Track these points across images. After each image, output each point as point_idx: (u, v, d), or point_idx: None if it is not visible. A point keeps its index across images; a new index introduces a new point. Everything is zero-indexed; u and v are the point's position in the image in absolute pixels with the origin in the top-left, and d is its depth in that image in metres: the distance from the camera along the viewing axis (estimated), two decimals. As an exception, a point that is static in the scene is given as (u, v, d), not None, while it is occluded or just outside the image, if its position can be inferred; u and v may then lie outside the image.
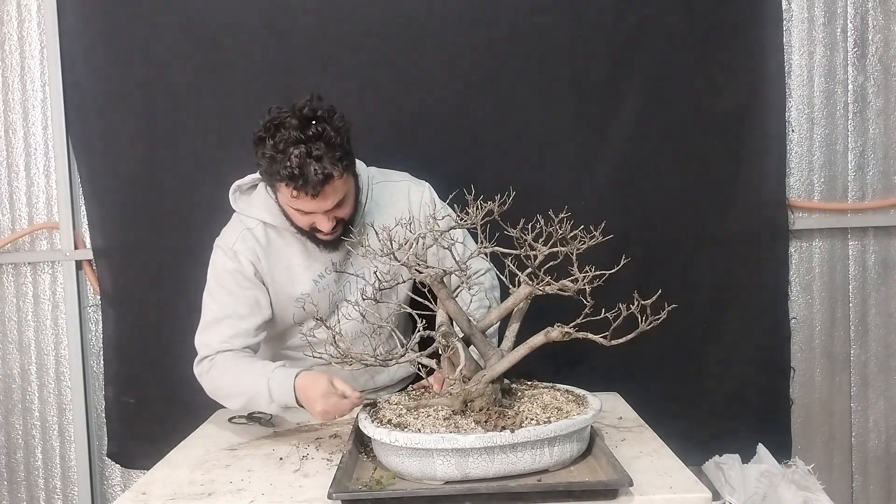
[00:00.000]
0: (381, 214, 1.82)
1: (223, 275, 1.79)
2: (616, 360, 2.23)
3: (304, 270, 1.82)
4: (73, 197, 2.51)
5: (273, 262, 1.81)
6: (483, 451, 1.30)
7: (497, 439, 1.29)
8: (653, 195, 2.40)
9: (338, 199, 1.67)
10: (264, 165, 1.63)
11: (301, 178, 1.57)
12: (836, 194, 2.51)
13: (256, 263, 1.80)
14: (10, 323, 2.58)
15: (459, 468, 1.31)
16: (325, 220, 1.69)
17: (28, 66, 2.51)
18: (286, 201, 1.69)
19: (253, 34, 2.36)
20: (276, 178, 1.61)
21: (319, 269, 1.84)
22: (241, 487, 1.42)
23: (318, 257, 1.83)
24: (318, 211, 1.67)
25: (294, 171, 1.56)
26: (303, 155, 1.56)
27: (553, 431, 1.32)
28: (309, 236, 1.79)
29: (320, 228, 1.71)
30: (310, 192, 1.59)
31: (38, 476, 2.60)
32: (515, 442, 1.30)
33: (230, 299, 1.78)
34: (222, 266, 1.80)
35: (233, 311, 1.77)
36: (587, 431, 1.44)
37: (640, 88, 2.38)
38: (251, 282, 1.79)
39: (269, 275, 1.81)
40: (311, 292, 1.82)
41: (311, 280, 1.83)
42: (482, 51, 2.37)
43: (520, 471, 1.33)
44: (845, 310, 2.54)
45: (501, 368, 1.45)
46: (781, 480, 2.15)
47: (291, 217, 1.74)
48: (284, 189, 1.63)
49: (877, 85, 2.48)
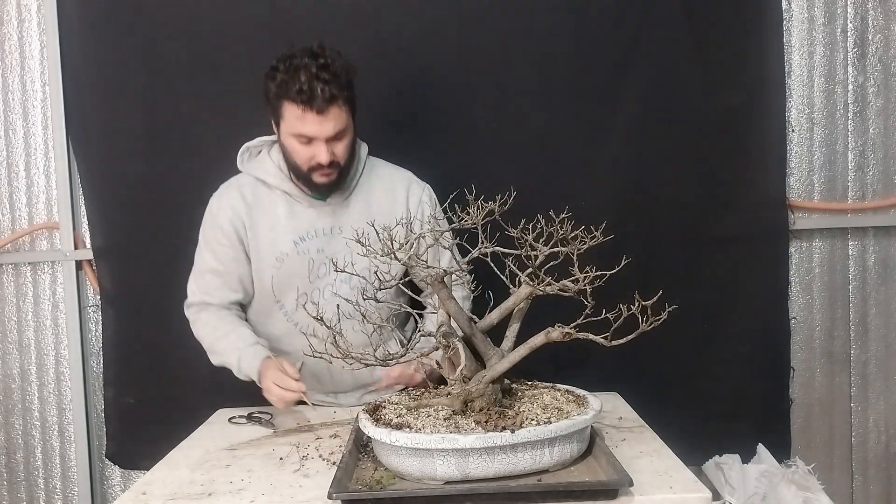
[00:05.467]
0: (379, 193, 1.92)
1: (206, 230, 1.94)
2: (616, 360, 2.22)
3: (286, 231, 1.88)
4: (73, 197, 2.51)
5: (257, 220, 1.89)
6: (483, 452, 1.30)
7: (497, 440, 1.29)
8: (653, 195, 2.40)
9: (339, 128, 1.76)
10: (275, 91, 1.75)
11: (309, 93, 1.69)
12: (836, 194, 2.51)
13: (237, 221, 1.89)
14: (10, 323, 2.58)
15: (460, 468, 1.31)
16: (325, 150, 1.76)
17: (28, 66, 2.51)
18: (291, 126, 1.76)
19: (253, 34, 2.36)
20: (287, 97, 1.72)
21: (302, 231, 1.88)
22: (241, 487, 1.42)
23: (303, 219, 1.89)
24: (321, 136, 1.75)
25: (303, 87, 1.69)
26: (312, 76, 1.70)
27: (553, 432, 1.32)
28: (306, 180, 1.83)
29: (320, 161, 1.77)
30: (316, 107, 1.70)
31: (38, 476, 2.60)
32: (516, 442, 1.30)
33: (210, 255, 1.93)
34: (207, 224, 1.94)
35: (213, 267, 1.92)
36: (587, 432, 1.44)
37: (640, 88, 2.38)
38: (229, 240, 1.90)
39: (251, 231, 1.89)
40: (290, 253, 1.87)
41: (291, 241, 1.88)
42: (482, 51, 2.37)
43: (520, 471, 1.33)
44: (845, 310, 2.54)
45: (502, 368, 1.45)
46: (781, 480, 2.15)
47: (293, 153, 1.80)
48: (292, 108, 1.73)
49: (877, 85, 2.48)
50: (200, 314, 1.94)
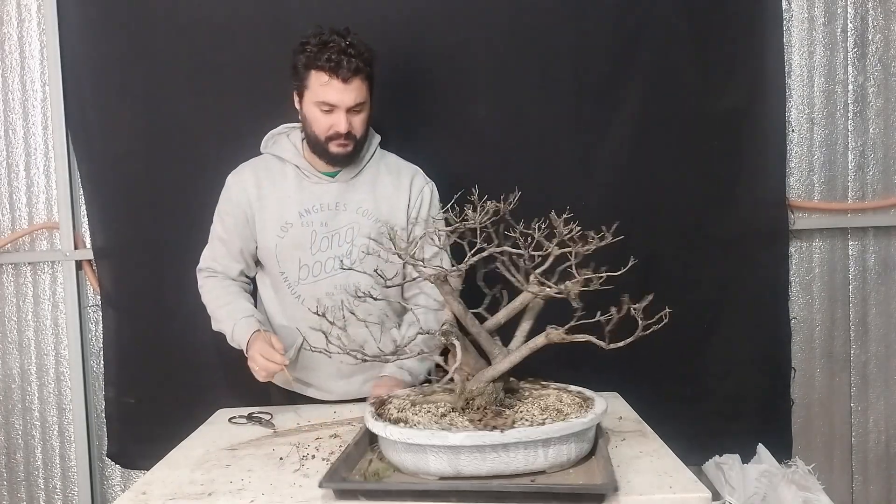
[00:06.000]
0: (385, 178, 2.01)
1: (220, 205, 2.04)
2: (616, 360, 2.21)
3: (293, 202, 1.97)
4: (73, 197, 2.51)
5: (266, 192, 1.98)
6: (474, 450, 1.30)
7: (486, 439, 1.29)
8: (653, 195, 2.40)
9: (359, 100, 1.88)
10: (303, 62, 1.88)
11: (336, 62, 1.83)
12: (836, 194, 2.51)
13: (245, 195, 1.99)
14: (10, 323, 2.58)
15: (451, 465, 1.31)
16: (344, 119, 1.87)
17: (28, 66, 2.52)
18: (315, 94, 1.87)
19: (253, 34, 2.36)
20: (314, 66, 1.85)
21: (308, 204, 1.96)
22: (241, 487, 1.42)
23: (310, 193, 1.97)
24: (342, 104, 1.86)
25: (332, 56, 1.83)
26: (340, 49, 1.84)
27: (545, 433, 1.32)
28: (322, 150, 1.92)
29: (338, 130, 1.87)
30: (341, 76, 1.83)
31: (38, 476, 2.60)
32: (506, 442, 1.30)
33: (220, 225, 2.03)
34: (222, 198, 2.04)
35: (220, 235, 2.03)
36: (589, 434, 1.43)
37: (640, 88, 2.38)
38: (236, 212, 1.99)
39: (259, 202, 1.98)
40: (295, 223, 1.95)
41: (297, 212, 1.96)
42: (482, 51, 2.37)
43: (513, 471, 1.33)
44: (845, 310, 2.54)
45: (502, 368, 1.45)
46: (781, 480, 2.15)
47: (313, 123, 1.90)
48: (318, 76, 1.85)
49: (877, 85, 2.48)
50: (207, 280, 2.05)
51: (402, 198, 2.00)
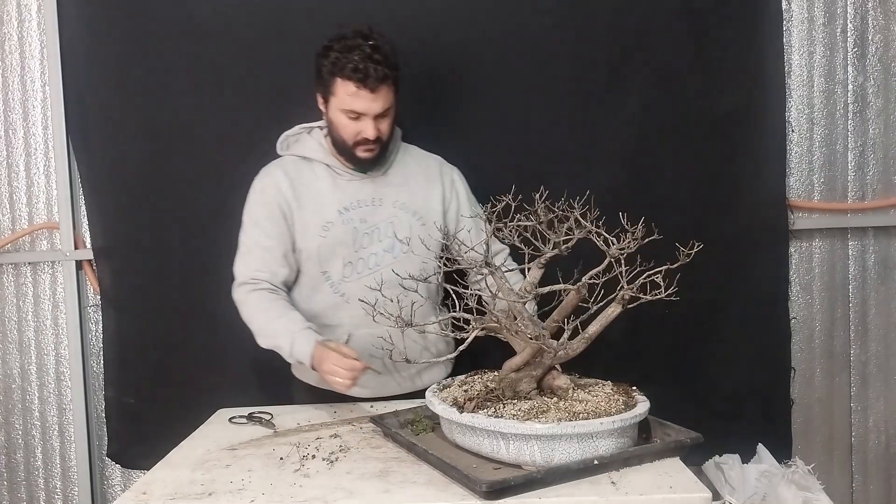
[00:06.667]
0: (414, 169, 2.03)
1: (252, 210, 1.98)
2: (616, 360, 2.23)
3: (331, 201, 1.95)
4: (73, 197, 2.51)
5: (301, 193, 1.95)
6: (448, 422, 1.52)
7: (452, 415, 1.47)
8: (653, 195, 2.39)
9: (386, 106, 1.87)
10: (328, 68, 1.85)
11: (363, 72, 1.81)
12: (836, 194, 2.51)
13: (281, 197, 1.95)
14: (10, 323, 2.58)
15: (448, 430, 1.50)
16: (372, 126, 1.86)
17: (28, 66, 2.51)
18: (342, 102, 1.86)
19: (253, 34, 2.36)
20: (340, 74, 1.83)
21: (346, 202, 1.95)
22: (242, 487, 1.42)
23: (346, 190, 1.96)
24: (370, 113, 1.85)
25: (358, 66, 1.81)
26: (365, 56, 1.81)
27: (493, 425, 1.39)
28: (350, 154, 1.92)
29: (367, 136, 1.87)
30: (369, 86, 1.81)
31: (38, 476, 2.60)
32: (472, 425, 1.42)
33: (258, 232, 1.95)
34: (252, 202, 1.98)
35: (261, 242, 1.95)
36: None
37: (640, 88, 2.38)
38: (275, 215, 1.94)
39: (296, 203, 1.95)
40: (336, 222, 1.93)
41: (336, 210, 1.94)
42: (481, 51, 2.37)
43: (483, 452, 1.44)
44: (845, 310, 2.54)
45: (519, 361, 1.52)
46: (781, 480, 2.15)
47: (340, 128, 1.89)
48: (345, 86, 1.83)
49: (877, 85, 2.48)
50: (251, 295, 1.93)
51: (435, 189, 2.02)
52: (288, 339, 1.84)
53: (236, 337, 2.44)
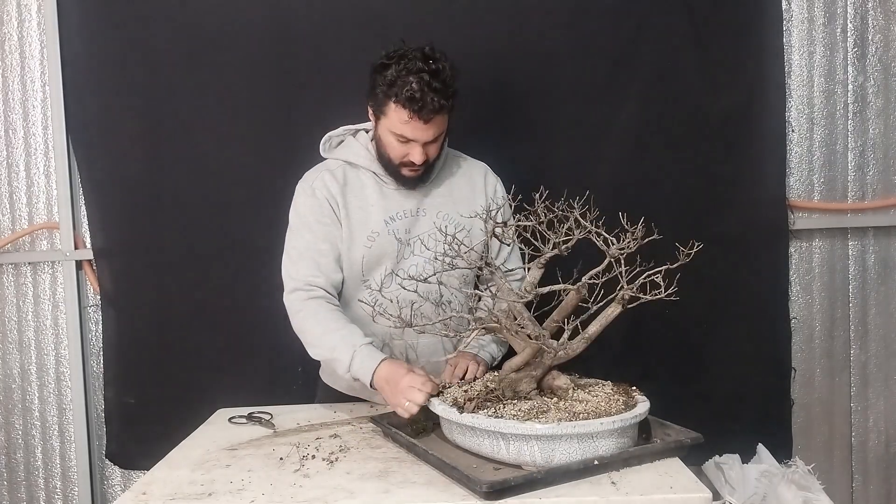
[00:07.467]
0: (459, 180, 1.97)
1: (304, 211, 1.89)
2: (616, 360, 2.23)
3: (378, 210, 1.89)
4: (73, 197, 2.51)
5: (349, 199, 1.89)
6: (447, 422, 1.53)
7: (451, 415, 1.47)
8: (653, 195, 2.39)
9: (438, 133, 1.79)
10: (384, 89, 1.75)
11: (419, 103, 1.71)
12: (836, 194, 2.51)
13: (332, 199, 1.87)
14: (10, 323, 2.58)
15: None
16: (420, 152, 1.79)
17: (28, 66, 2.52)
18: (393, 126, 1.77)
19: (253, 34, 2.36)
20: (395, 99, 1.73)
21: (392, 211, 1.89)
22: (241, 487, 1.42)
23: (392, 200, 1.90)
24: (420, 140, 1.77)
25: (415, 95, 1.70)
26: (424, 82, 1.70)
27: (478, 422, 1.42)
28: (394, 172, 1.86)
29: (413, 160, 1.80)
30: (424, 117, 1.72)
31: (38, 476, 2.60)
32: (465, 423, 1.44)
33: (310, 235, 1.87)
34: (302, 203, 1.90)
35: (313, 246, 1.86)
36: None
37: (640, 89, 2.38)
38: (328, 217, 1.87)
39: (343, 209, 1.87)
40: (382, 232, 1.87)
41: (382, 220, 1.88)
42: (480, 51, 2.36)
43: (483, 452, 1.43)
44: (845, 310, 2.54)
45: (520, 360, 1.51)
46: (781, 480, 2.15)
47: (387, 147, 1.82)
48: (398, 112, 1.74)
49: (877, 85, 2.48)
50: (308, 303, 1.82)
51: (480, 199, 1.95)
52: (348, 353, 1.72)
53: (236, 337, 2.45)
